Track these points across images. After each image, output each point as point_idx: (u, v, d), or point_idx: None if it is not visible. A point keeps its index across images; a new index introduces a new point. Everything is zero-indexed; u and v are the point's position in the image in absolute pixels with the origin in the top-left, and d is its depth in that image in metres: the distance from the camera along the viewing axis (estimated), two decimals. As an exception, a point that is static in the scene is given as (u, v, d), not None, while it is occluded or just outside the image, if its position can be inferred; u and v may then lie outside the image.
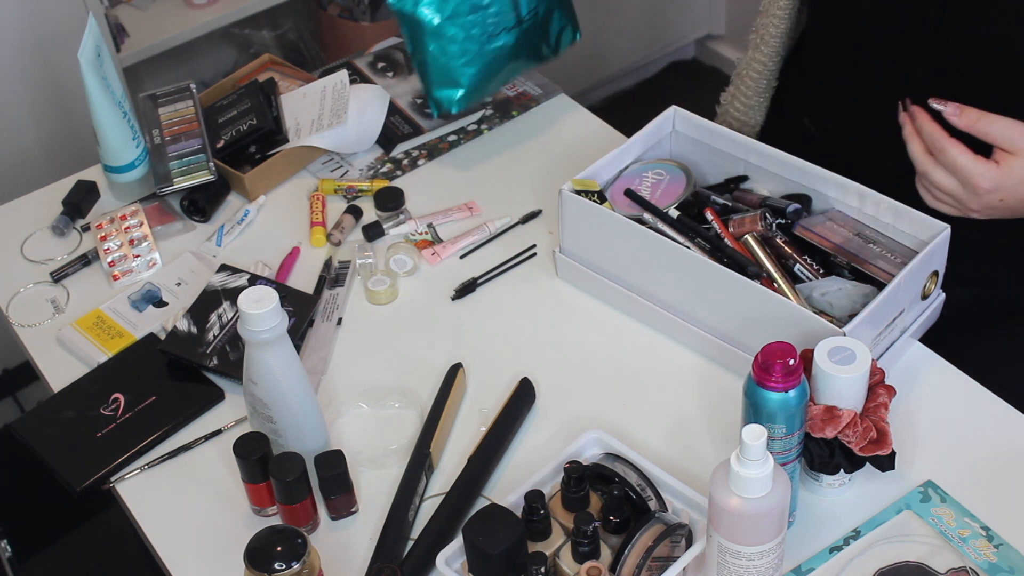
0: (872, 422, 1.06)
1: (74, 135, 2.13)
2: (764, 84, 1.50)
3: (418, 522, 1.12)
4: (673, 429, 1.20)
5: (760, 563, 0.97)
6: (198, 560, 1.12)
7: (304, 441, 1.15)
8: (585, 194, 1.29)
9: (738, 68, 1.53)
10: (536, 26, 1.49)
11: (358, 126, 1.55)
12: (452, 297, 1.37)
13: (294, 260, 1.42)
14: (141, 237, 1.44)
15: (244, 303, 1.06)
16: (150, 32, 2.26)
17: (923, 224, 1.22)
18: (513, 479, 1.16)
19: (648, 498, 1.07)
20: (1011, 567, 1.06)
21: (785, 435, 1.02)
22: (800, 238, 1.27)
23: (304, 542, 0.99)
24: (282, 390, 1.12)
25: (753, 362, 1.00)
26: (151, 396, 1.26)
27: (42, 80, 2.08)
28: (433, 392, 1.23)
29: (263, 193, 1.51)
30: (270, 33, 2.58)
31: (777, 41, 1.46)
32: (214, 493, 1.18)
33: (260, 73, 1.67)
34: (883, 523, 1.10)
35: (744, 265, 1.22)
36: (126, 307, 1.37)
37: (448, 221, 1.46)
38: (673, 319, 1.27)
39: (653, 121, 1.37)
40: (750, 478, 0.93)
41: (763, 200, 1.32)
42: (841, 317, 1.19)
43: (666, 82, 3.08)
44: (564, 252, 1.35)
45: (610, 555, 1.04)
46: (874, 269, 1.22)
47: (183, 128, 1.53)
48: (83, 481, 1.19)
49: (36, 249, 1.47)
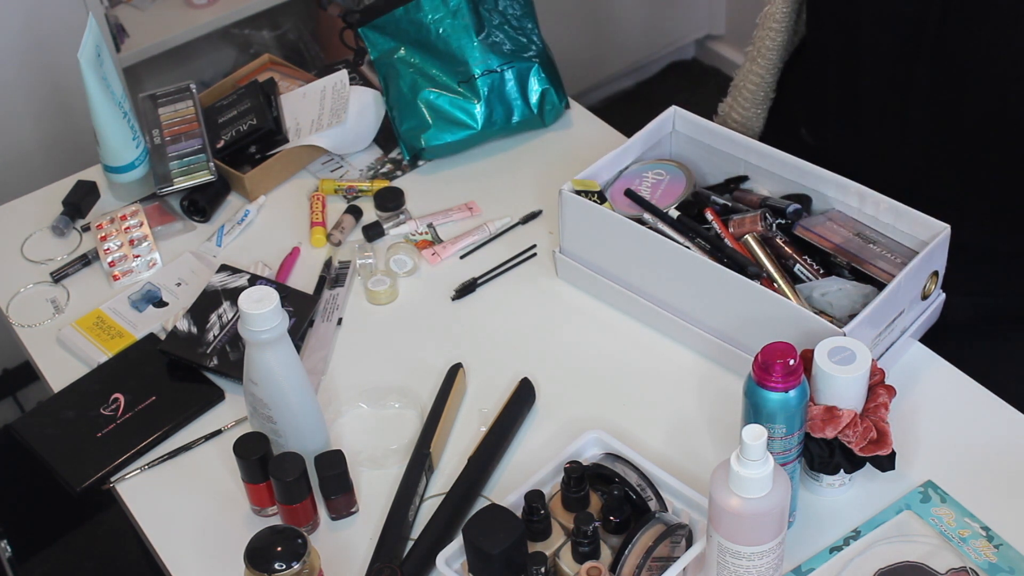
0: (872, 422, 1.06)
1: (74, 135, 2.13)
2: (761, 96, 1.50)
3: (418, 522, 1.12)
4: (673, 429, 1.20)
5: (760, 563, 0.97)
6: (198, 560, 1.12)
7: (304, 441, 1.15)
8: (585, 194, 1.29)
9: (735, 80, 1.53)
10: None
11: (357, 126, 1.55)
12: (452, 297, 1.37)
13: (294, 260, 1.42)
14: (141, 237, 1.44)
15: (244, 303, 1.06)
16: (150, 32, 2.26)
17: (923, 224, 1.22)
18: (513, 479, 1.16)
19: (648, 498, 1.07)
20: (1011, 567, 1.06)
21: (785, 435, 1.02)
22: (800, 238, 1.27)
23: (304, 542, 0.99)
24: (282, 390, 1.12)
25: (753, 362, 1.00)
26: (151, 396, 1.26)
27: (42, 80, 2.08)
28: (433, 392, 1.23)
29: (263, 193, 1.51)
30: (270, 33, 2.58)
31: (774, 53, 1.46)
32: (214, 493, 1.18)
33: (260, 73, 1.67)
34: (883, 523, 1.10)
35: (744, 265, 1.22)
36: (126, 307, 1.37)
37: (448, 221, 1.46)
38: (673, 319, 1.27)
39: (653, 121, 1.37)
40: (750, 478, 0.93)
41: (763, 200, 1.32)
42: (841, 317, 1.19)
43: (666, 82, 3.08)
44: (564, 252, 1.35)
45: (610, 555, 1.04)
46: (874, 269, 1.22)
47: (183, 128, 1.53)
48: (83, 481, 1.19)
49: (36, 249, 1.47)
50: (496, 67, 1.50)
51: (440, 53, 1.51)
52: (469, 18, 1.50)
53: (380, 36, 1.53)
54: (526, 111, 1.53)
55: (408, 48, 1.52)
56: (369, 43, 1.54)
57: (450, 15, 1.50)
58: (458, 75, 1.50)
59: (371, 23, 1.53)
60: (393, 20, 1.52)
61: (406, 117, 1.51)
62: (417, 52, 1.52)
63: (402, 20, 1.52)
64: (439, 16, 1.50)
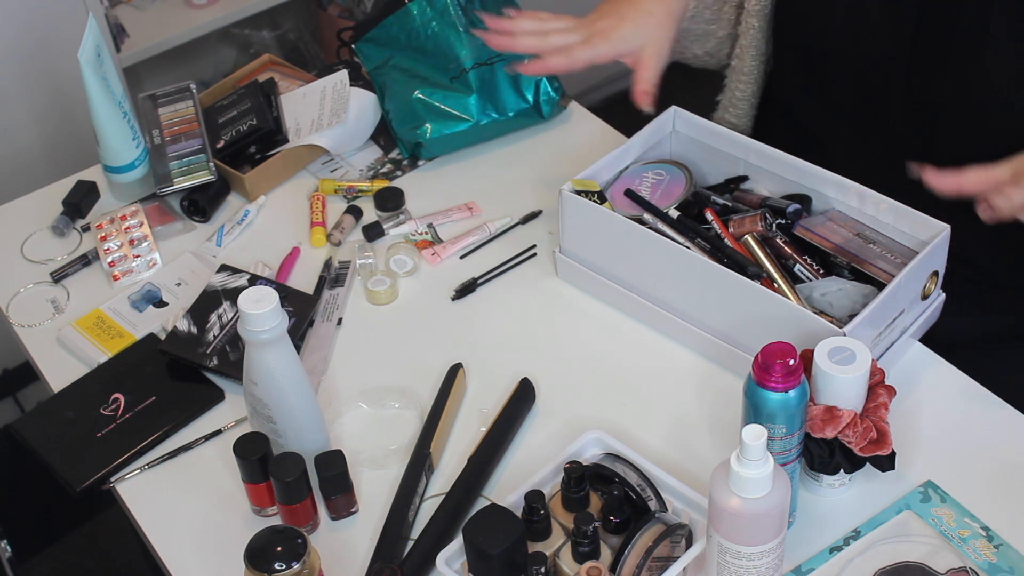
0: (872, 422, 1.06)
1: (74, 135, 2.13)
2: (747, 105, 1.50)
3: (418, 522, 1.12)
4: (673, 429, 1.20)
5: (760, 563, 0.97)
6: (198, 560, 1.12)
7: (304, 441, 1.15)
8: (585, 194, 1.29)
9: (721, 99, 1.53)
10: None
11: (356, 126, 1.55)
12: (452, 297, 1.37)
13: (294, 260, 1.42)
14: (141, 237, 1.44)
15: (244, 303, 1.06)
16: (150, 32, 2.26)
17: (923, 224, 1.22)
18: (513, 479, 1.16)
19: (648, 498, 1.07)
20: (1011, 567, 1.06)
21: (785, 435, 1.02)
22: (800, 238, 1.27)
23: (304, 542, 0.99)
24: (282, 390, 1.12)
25: (753, 362, 1.00)
26: (151, 396, 1.26)
27: (42, 80, 2.08)
28: (433, 392, 1.23)
29: (263, 193, 1.51)
30: (270, 33, 2.58)
31: (746, 103, 1.46)
32: (214, 493, 1.18)
33: (260, 73, 1.67)
34: (883, 523, 1.10)
35: (744, 265, 1.22)
36: (126, 307, 1.37)
37: (448, 221, 1.46)
38: (673, 319, 1.27)
39: (653, 121, 1.38)
40: (750, 478, 0.93)
41: (763, 200, 1.32)
42: (841, 317, 1.19)
43: (666, 82, 3.07)
44: (564, 252, 1.35)
45: (610, 555, 1.04)
46: (874, 269, 1.22)
47: (183, 128, 1.53)
48: (83, 481, 1.19)
49: (36, 249, 1.47)
50: (486, 59, 1.52)
51: (431, 53, 1.54)
52: (456, 14, 1.53)
53: (373, 48, 1.57)
54: (521, 102, 1.54)
55: (400, 54, 1.55)
56: (363, 57, 1.58)
57: (438, 15, 1.53)
58: (450, 72, 1.52)
59: (364, 37, 1.58)
60: (384, 29, 1.56)
61: (402, 118, 1.52)
62: (409, 56, 1.55)
63: (393, 27, 1.56)
64: (427, 18, 1.54)
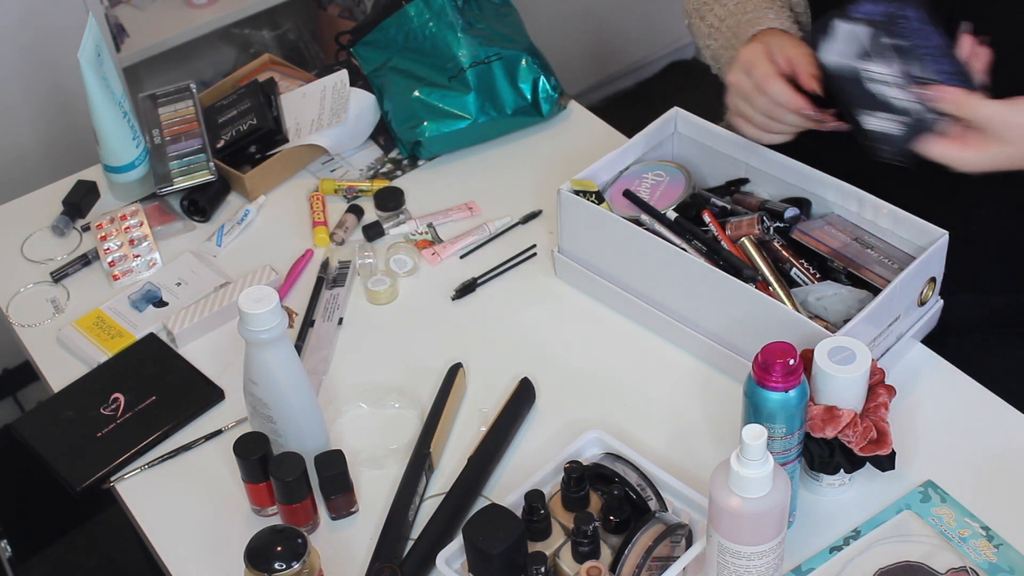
0: (872, 422, 1.06)
1: (74, 135, 2.13)
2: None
3: (418, 522, 1.12)
4: (673, 429, 1.20)
5: (760, 563, 0.97)
6: (198, 560, 1.12)
7: (304, 441, 1.15)
8: (583, 194, 1.29)
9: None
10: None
11: (356, 126, 1.55)
12: (452, 297, 1.37)
13: (305, 263, 1.41)
14: (141, 237, 1.44)
15: (244, 303, 1.06)
16: (150, 32, 2.26)
17: (922, 230, 1.21)
18: (513, 479, 1.16)
19: (648, 498, 1.07)
20: (1011, 567, 1.06)
21: (785, 435, 1.02)
22: (797, 242, 1.27)
23: (304, 542, 0.99)
24: (282, 390, 1.12)
25: (753, 362, 1.00)
26: (151, 396, 1.26)
27: (42, 80, 2.08)
28: (433, 392, 1.23)
29: (263, 193, 1.51)
30: (270, 33, 2.58)
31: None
32: (214, 493, 1.18)
33: (260, 73, 1.67)
34: (883, 523, 1.10)
35: (740, 268, 1.22)
36: (126, 307, 1.37)
37: (448, 221, 1.46)
38: (670, 321, 1.27)
39: (654, 122, 1.37)
40: (750, 478, 0.93)
41: (762, 203, 1.32)
42: (836, 322, 1.19)
43: (666, 82, 3.08)
44: (563, 252, 1.35)
45: (610, 555, 1.04)
46: (871, 275, 1.21)
47: (183, 128, 1.53)
48: (83, 481, 1.19)
49: (36, 249, 1.47)
50: (483, 58, 1.52)
51: (429, 53, 1.54)
52: (453, 15, 1.54)
53: (372, 51, 1.58)
54: (520, 100, 1.54)
55: (398, 55, 1.55)
56: (362, 60, 1.59)
57: (435, 16, 1.54)
58: (448, 71, 1.53)
59: (362, 41, 1.59)
60: (382, 32, 1.57)
61: (402, 118, 1.53)
62: (407, 57, 1.55)
63: (390, 29, 1.56)
64: (425, 19, 1.55)
